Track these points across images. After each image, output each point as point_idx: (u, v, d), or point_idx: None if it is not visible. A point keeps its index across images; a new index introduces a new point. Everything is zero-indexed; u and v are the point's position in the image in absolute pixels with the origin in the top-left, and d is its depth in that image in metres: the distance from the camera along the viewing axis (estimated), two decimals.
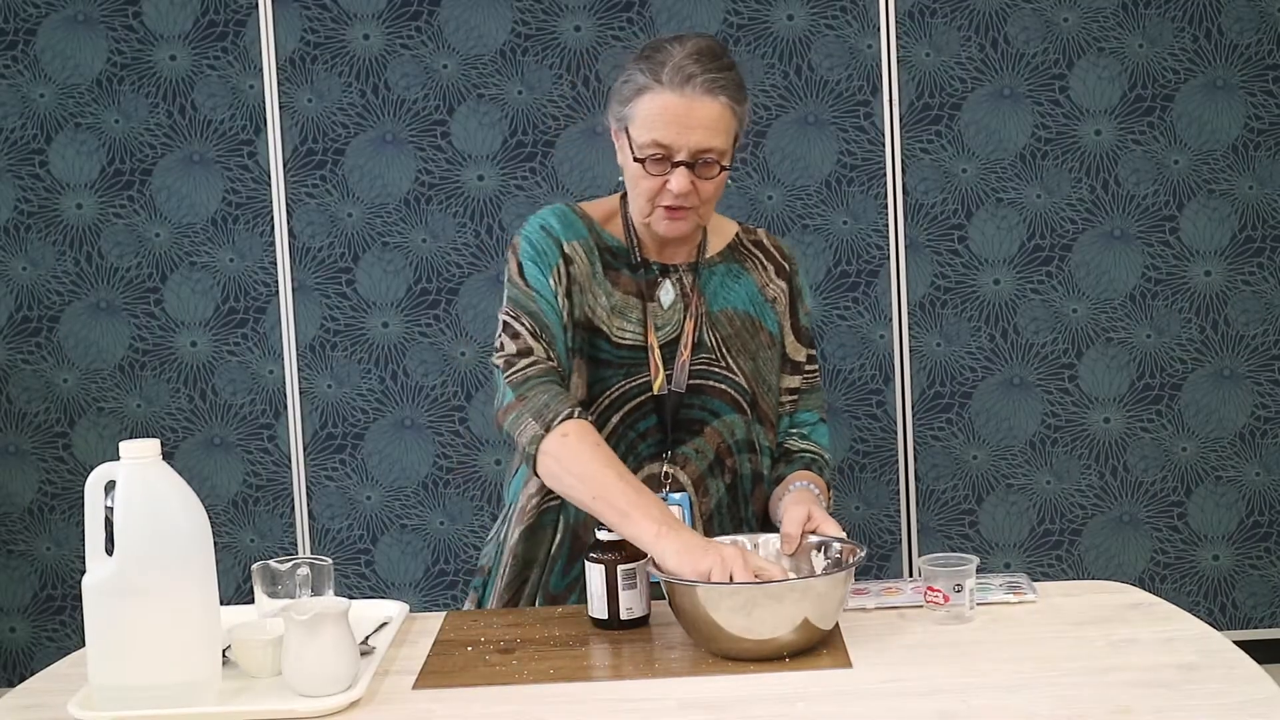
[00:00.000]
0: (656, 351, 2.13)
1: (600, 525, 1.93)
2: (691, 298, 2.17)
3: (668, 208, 2.06)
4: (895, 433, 3.62)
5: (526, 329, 2.07)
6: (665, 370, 2.14)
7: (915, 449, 3.62)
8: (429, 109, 3.56)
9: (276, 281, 3.59)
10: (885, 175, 3.56)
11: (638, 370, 2.13)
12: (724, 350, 2.17)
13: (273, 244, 3.59)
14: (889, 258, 3.58)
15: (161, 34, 3.55)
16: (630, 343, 2.14)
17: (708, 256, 2.21)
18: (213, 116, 3.57)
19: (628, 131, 2.05)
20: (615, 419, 2.13)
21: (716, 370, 2.16)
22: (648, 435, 2.14)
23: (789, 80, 3.55)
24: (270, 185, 3.58)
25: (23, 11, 3.55)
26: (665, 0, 3.52)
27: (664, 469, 2.13)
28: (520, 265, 2.12)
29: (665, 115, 2.01)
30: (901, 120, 3.55)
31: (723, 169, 2.05)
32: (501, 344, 2.09)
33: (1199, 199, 3.57)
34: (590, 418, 2.03)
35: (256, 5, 3.54)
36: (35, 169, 3.58)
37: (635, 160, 2.04)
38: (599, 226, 2.18)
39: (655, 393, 2.13)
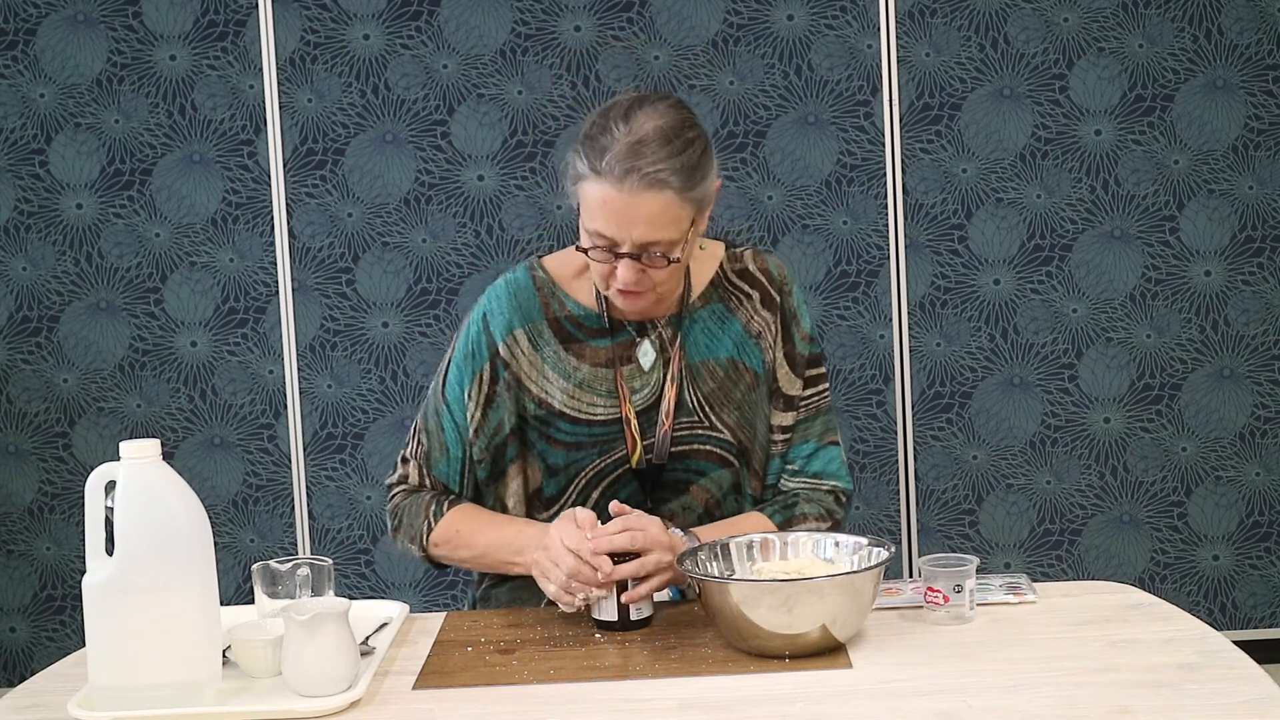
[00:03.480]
0: (634, 424, 2.04)
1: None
2: (672, 354, 2.06)
3: (620, 290, 1.96)
4: (895, 433, 3.62)
5: (415, 460, 2.14)
6: (644, 441, 2.05)
7: (915, 449, 3.62)
8: (429, 109, 3.56)
9: (276, 281, 3.59)
10: (885, 175, 3.56)
11: (612, 446, 2.06)
12: (707, 408, 2.07)
13: (273, 244, 3.59)
14: (889, 258, 3.58)
15: (161, 34, 3.55)
16: (603, 418, 2.05)
17: (690, 302, 2.08)
18: (213, 116, 3.57)
19: (578, 209, 1.95)
20: (595, 494, 2.08)
21: (700, 432, 2.07)
22: (628, 502, 2.05)
23: (789, 80, 3.55)
24: (270, 185, 3.58)
25: (23, 11, 3.55)
26: (665, 0, 3.52)
27: None
28: (451, 359, 2.13)
29: (605, 209, 1.89)
30: (901, 120, 3.55)
31: (671, 261, 1.92)
32: (395, 464, 2.17)
33: (1199, 199, 3.57)
34: (448, 499, 2.11)
35: (256, 5, 3.54)
36: (35, 169, 3.58)
37: (579, 248, 1.96)
38: (562, 293, 2.08)
39: (634, 467, 2.05)
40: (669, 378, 2.05)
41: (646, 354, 2.07)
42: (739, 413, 2.09)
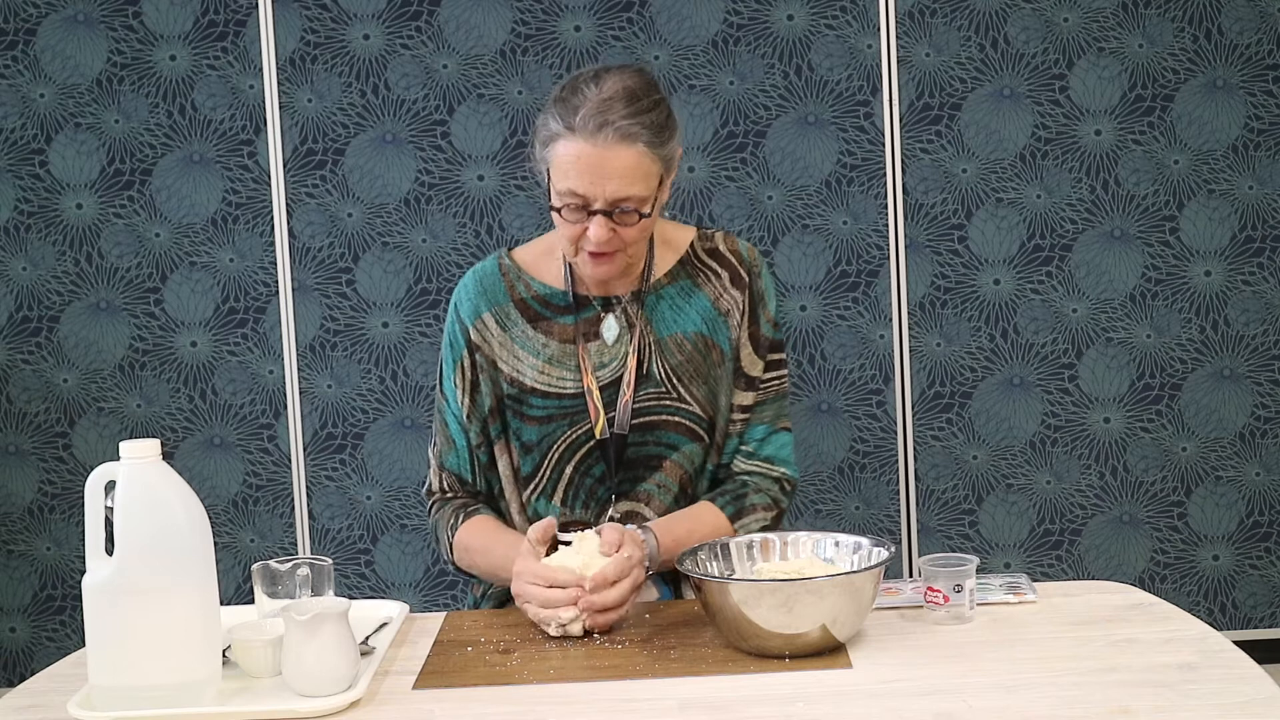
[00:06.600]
0: (596, 395, 2.08)
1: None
2: (637, 329, 2.11)
3: (591, 253, 2.01)
4: (895, 433, 3.62)
5: (434, 460, 2.20)
6: (607, 414, 2.09)
7: (915, 449, 3.62)
8: (429, 109, 3.56)
9: (276, 281, 3.59)
10: (885, 175, 3.57)
11: (581, 418, 2.10)
12: (675, 380, 2.10)
13: (273, 244, 3.59)
14: (889, 258, 3.58)
15: (161, 34, 3.55)
16: (572, 391, 2.10)
17: (654, 280, 2.13)
18: (213, 116, 3.57)
19: (548, 174, 2.00)
20: (569, 470, 2.11)
21: (668, 403, 2.10)
22: (605, 480, 2.11)
23: (789, 80, 3.55)
24: (270, 185, 3.58)
25: (23, 11, 3.55)
26: (665, 0, 3.52)
27: (610, 513, 2.10)
28: (442, 358, 2.19)
29: (579, 165, 1.94)
30: (901, 120, 3.55)
31: (643, 216, 1.98)
32: (426, 475, 2.25)
33: (1199, 199, 3.57)
34: (471, 510, 2.14)
35: (256, 5, 3.54)
36: (35, 169, 3.58)
37: (552, 208, 2.00)
38: (528, 275, 2.14)
39: (598, 437, 2.09)
40: (631, 351, 2.10)
41: (610, 328, 2.12)
42: (707, 387, 2.12)
